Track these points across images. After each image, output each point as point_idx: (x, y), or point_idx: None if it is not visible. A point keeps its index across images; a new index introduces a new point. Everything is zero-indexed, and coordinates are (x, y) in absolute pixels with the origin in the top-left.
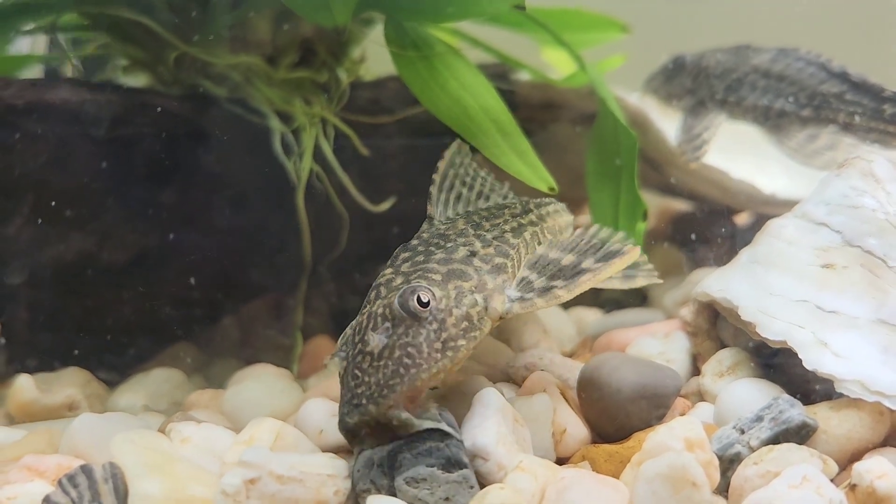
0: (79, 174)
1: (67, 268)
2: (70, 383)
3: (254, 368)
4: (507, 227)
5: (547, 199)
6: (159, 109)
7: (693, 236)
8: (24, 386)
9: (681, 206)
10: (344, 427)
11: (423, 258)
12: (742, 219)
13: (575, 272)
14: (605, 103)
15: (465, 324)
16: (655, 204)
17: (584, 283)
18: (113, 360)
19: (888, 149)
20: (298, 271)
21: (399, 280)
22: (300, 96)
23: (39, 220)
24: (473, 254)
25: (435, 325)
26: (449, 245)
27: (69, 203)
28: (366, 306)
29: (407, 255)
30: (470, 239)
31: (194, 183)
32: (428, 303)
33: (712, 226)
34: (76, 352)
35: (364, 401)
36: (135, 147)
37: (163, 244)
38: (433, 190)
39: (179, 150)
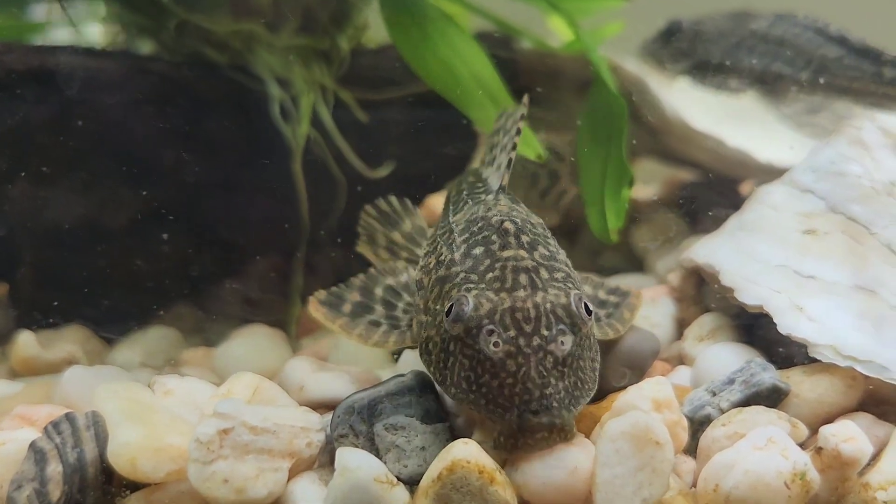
0: (79, 138)
1: (68, 229)
2: (71, 340)
3: (247, 328)
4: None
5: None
6: (159, 76)
7: (690, 204)
8: (26, 342)
9: (680, 174)
10: (523, 423)
11: (547, 252)
12: (745, 188)
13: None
14: (598, 70)
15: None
16: (653, 171)
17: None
18: (113, 319)
19: (887, 112)
20: (297, 235)
21: (545, 273)
22: (301, 63)
23: (41, 182)
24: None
25: (590, 342)
26: (550, 257)
27: (70, 165)
28: (500, 285)
29: (521, 238)
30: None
31: (194, 148)
32: (591, 312)
33: (710, 194)
34: (77, 310)
35: (555, 403)
36: (134, 112)
37: (163, 207)
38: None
39: (178, 116)
